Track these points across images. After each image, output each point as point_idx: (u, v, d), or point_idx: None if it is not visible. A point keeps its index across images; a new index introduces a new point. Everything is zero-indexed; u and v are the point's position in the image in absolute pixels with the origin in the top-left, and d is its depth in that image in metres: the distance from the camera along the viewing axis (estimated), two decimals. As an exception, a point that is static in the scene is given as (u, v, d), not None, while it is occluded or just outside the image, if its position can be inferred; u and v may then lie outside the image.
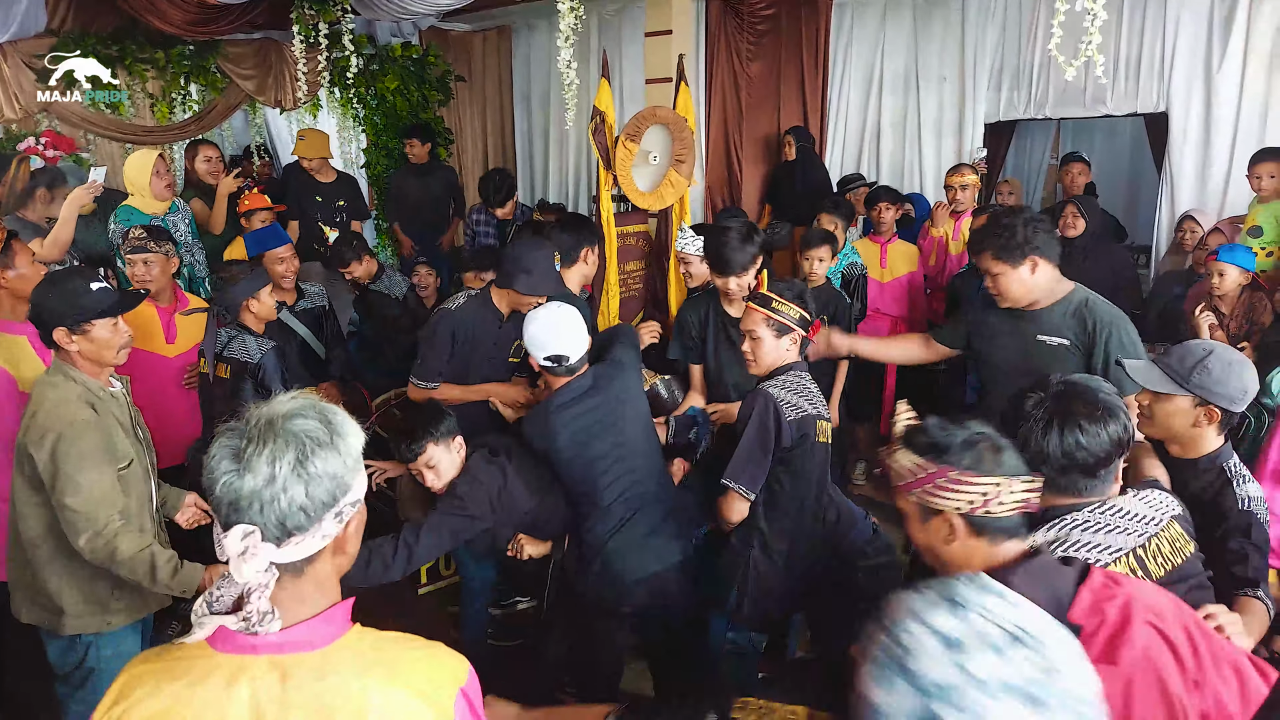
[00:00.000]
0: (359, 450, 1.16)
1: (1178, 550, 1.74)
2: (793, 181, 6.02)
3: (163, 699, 1.08)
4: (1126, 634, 1.29)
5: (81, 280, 2.32)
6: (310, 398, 1.16)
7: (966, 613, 0.69)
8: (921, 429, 1.51)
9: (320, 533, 1.11)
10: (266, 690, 1.07)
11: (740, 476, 2.58)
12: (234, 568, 1.07)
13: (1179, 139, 5.08)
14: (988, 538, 1.44)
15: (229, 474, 1.08)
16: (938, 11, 5.83)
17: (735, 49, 6.30)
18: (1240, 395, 2.07)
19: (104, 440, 2.27)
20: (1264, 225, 4.14)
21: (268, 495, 1.07)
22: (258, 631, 1.07)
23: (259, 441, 1.08)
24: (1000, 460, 1.45)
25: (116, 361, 2.40)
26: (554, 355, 2.69)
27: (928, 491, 1.47)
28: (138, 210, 4.54)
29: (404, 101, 6.75)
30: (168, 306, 3.55)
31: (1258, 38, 4.73)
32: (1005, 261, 2.73)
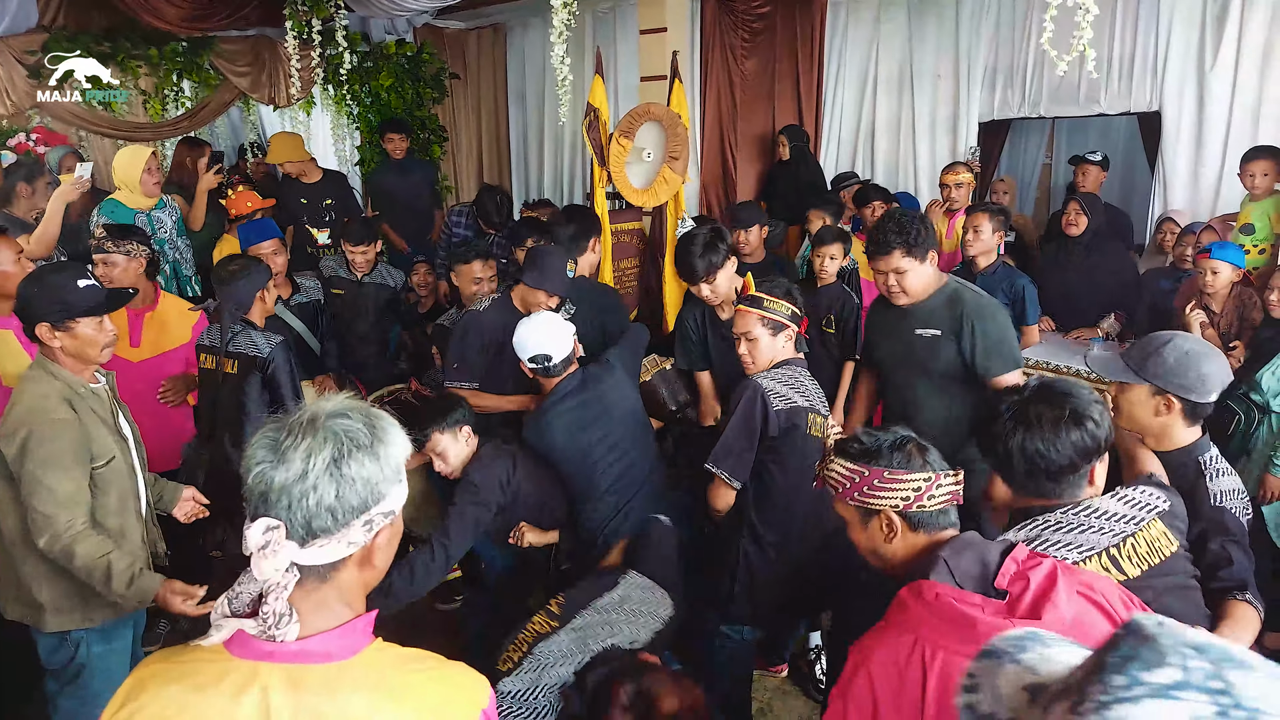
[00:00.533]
0: (400, 460, 1.12)
1: (1156, 550, 1.75)
2: (788, 180, 6.02)
3: (171, 703, 1.05)
4: (1050, 597, 1.35)
5: (68, 276, 2.30)
6: (359, 401, 1.13)
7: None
8: (852, 438, 1.63)
9: (347, 539, 1.08)
10: (276, 701, 1.03)
11: (723, 462, 2.62)
12: (254, 563, 1.04)
13: (1172, 138, 5.09)
14: (924, 530, 1.55)
15: (263, 464, 1.06)
16: (932, 10, 5.83)
17: (730, 47, 6.29)
18: (1199, 384, 2.04)
19: (76, 441, 2.25)
20: (1256, 223, 4.16)
21: (297, 491, 1.04)
22: (274, 636, 1.05)
23: (299, 434, 1.06)
24: (927, 459, 1.57)
25: (100, 359, 2.38)
26: (537, 355, 2.84)
27: (864, 494, 1.57)
28: (123, 205, 4.52)
29: (398, 99, 6.73)
30: (139, 309, 3.44)
31: (1250, 36, 4.74)
32: (915, 258, 2.81)
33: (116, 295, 2.42)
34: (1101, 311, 4.44)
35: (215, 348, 3.24)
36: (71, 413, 2.27)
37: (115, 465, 2.36)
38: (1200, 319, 3.75)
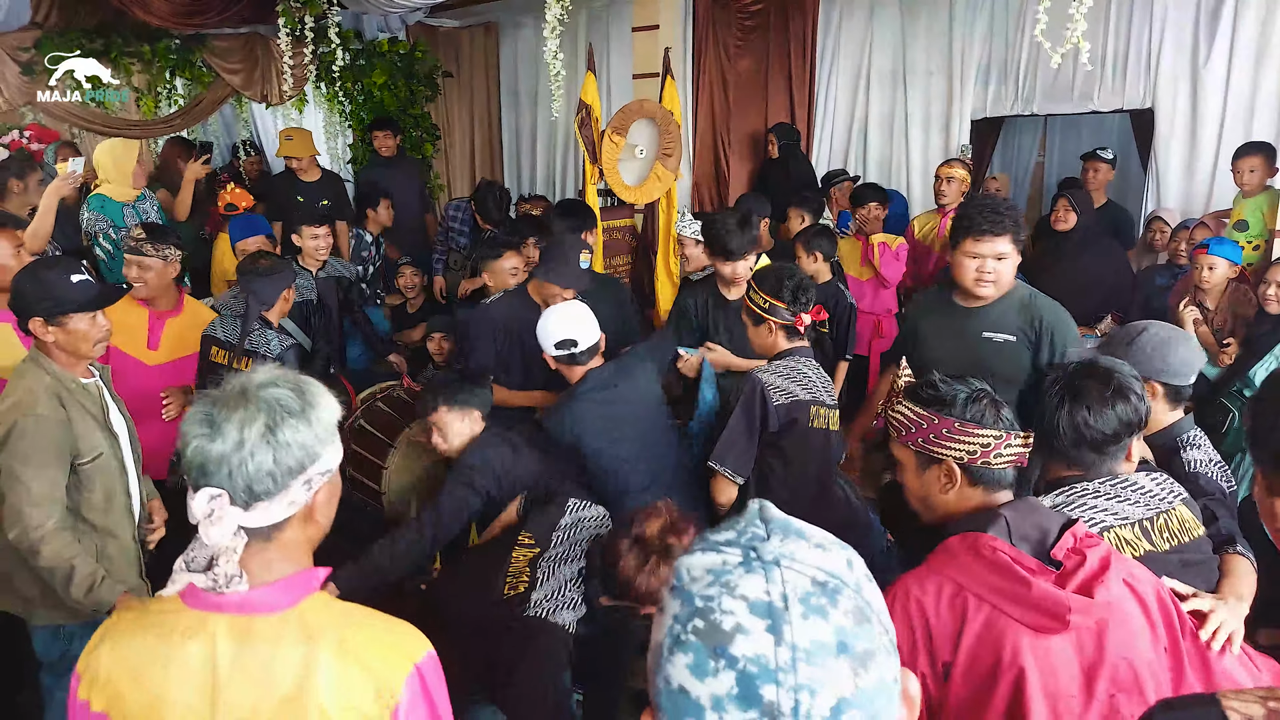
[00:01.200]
0: (332, 421, 1.18)
1: (1187, 530, 1.79)
2: (779, 178, 6.01)
3: (134, 649, 1.15)
4: (1103, 578, 1.35)
5: (62, 271, 2.30)
6: (285, 370, 1.18)
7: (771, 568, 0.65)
8: (928, 383, 1.60)
9: (288, 499, 1.14)
10: (223, 648, 1.11)
11: (726, 459, 2.62)
12: (202, 530, 1.10)
13: (1165, 134, 5.10)
14: (982, 487, 1.54)
15: (200, 437, 1.10)
16: (925, 7, 5.83)
17: (723, 45, 6.29)
18: (1180, 367, 2.11)
19: (57, 439, 2.23)
20: (1249, 219, 4.16)
21: (236, 460, 1.09)
22: (224, 591, 1.11)
23: (231, 407, 1.11)
24: (1000, 416, 1.55)
25: (93, 355, 2.37)
26: (563, 341, 2.75)
27: (929, 441, 1.55)
28: (110, 199, 4.53)
29: (391, 97, 6.71)
30: (162, 312, 3.32)
31: (1243, 33, 4.74)
32: (1016, 245, 2.61)
33: (109, 291, 2.42)
34: (1095, 308, 4.44)
35: (230, 344, 3.22)
36: (59, 409, 2.26)
37: (103, 461, 2.34)
38: (1194, 315, 3.76)
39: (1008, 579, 1.33)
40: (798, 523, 0.71)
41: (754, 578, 0.64)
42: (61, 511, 2.24)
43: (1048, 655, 1.31)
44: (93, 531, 2.36)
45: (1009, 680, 1.30)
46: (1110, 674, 1.34)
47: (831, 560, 0.67)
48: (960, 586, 1.37)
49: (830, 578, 0.65)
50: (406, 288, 5.32)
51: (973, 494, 1.53)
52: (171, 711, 1.12)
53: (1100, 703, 1.33)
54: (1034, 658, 1.30)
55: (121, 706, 1.14)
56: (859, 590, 0.66)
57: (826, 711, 0.61)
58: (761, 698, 0.60)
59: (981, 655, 1.33)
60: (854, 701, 0.61)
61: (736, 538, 0.68)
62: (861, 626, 0.64)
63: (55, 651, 2.40)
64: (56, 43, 5.21)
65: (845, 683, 0.61)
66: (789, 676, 0.60)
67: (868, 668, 0.63)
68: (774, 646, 0.61)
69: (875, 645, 0.64)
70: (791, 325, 2.69)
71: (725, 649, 0.62)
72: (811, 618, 0.62)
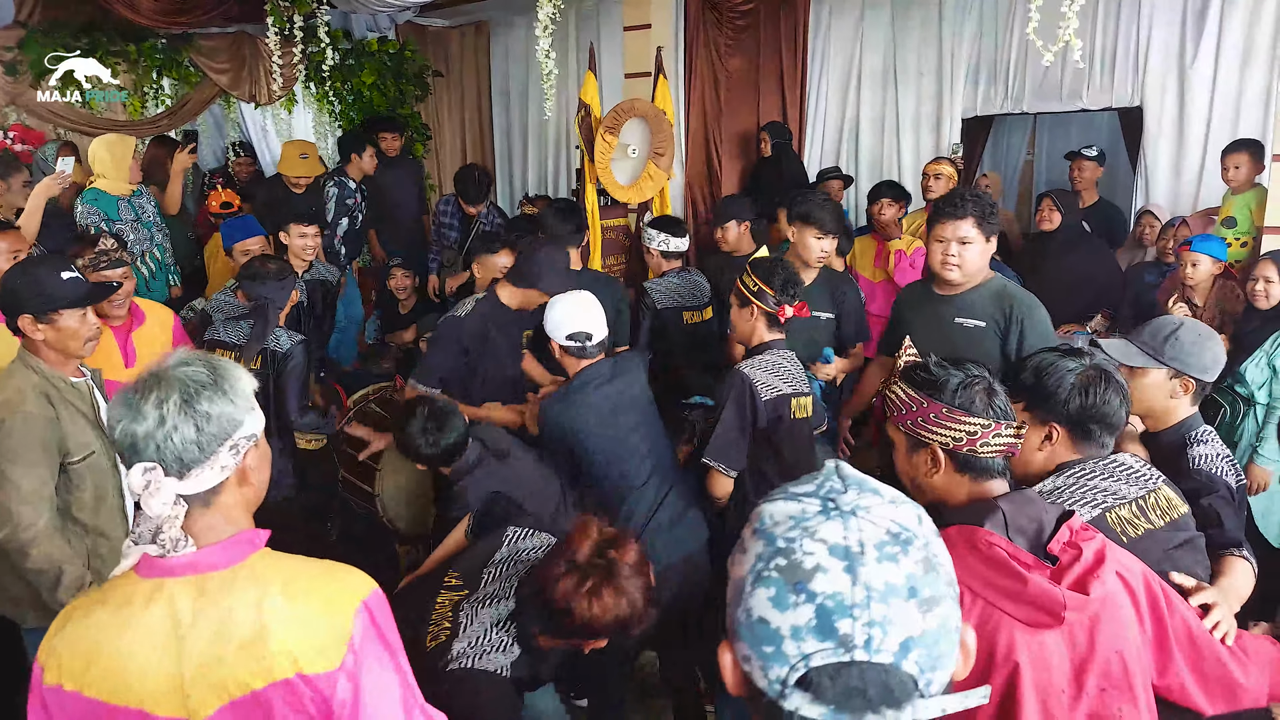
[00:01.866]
0: (248, 391, 1.27)
1: (1174, 507, 1.83)
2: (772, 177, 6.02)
3: (92, 625, 1.22)
4: (1098, 573, 1.35)
5: (51, 268, 2.28)
6: (196, 351, 1.28)
7: (849, 518, 0.71)
8: (922, 365, 1.58)
9: (218, 464, 1.22)
10: (181, 605, 1.19)
11: (720, 455, 2.66)
12: (144, 503, 1.18)
13: (1153, 133, 5.13)
14: (970, 475, 1.51)
15: (123, 419, 1.19)
16: (915, 7, 5.85)
17: (714, 44, 6.29)
18: (1212, 365, 2.14)
19: (45, 437, 2.22)
20: (1237, 215, 4.19)
21: (160, 435, 1.17)
22: (173, 556, 1.19)
23: (146, 388, 1.19)
24: (992, 402, 1.51)
25: (83, 354, 2.35)
26: (577, 334, 2.71)
27: (917, 424, 1.53)
28: (106, 193, 4.51)
29: (381, 97, 6.68)
30: (124, 326, 3.10)
31: (1230, 32, 4.78)
32: (982, 233, 2.70)
33: (99, 288, 2.40)
34: (1086, 306, 4.46)
35: (237, 344, 3.23)
36: (48, 407, 2.24)
37: (94, 460, 2.33)
38: (1184, 312, 3.78)
39: (1004, 575, 1.32)
40: (873, 481, 0.77)
41: (833, 524, 0.70)
42: (52, 511, 2.22)
43: (1041, 650, 1.31)
44: (84, 533, 2.34)
45: (1003, 676, 1.30)
46: (1101, 669, 1.35)
47: (903, 514, 0.73)
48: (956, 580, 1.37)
49: (903, 529, 0.71)
50: (397, 288, 5.30)
51: (960, 480, 1.51)
52: (137, 671, 1.18)
53: (1090, 697, 1.34)
54: (1028, 654, 1.30)
55: (88, 679, 1.20)
56: (927, 544, 0.72)
57: (895, 647, 0.67)
58: (837, 630, 0.66)
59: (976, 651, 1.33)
60: (920, 641, 0.68)
61: (815, 490, 0.74)
62: (929, 575, 0.70)
63: None
64: (41, 42, 5.16)
65: (914, 623, 0.68)
66: (864, 613, 0.66)
67: (933, 611, 0.69)
68: (850, 585, 0.67)
69: (941, 593, 0.70)
70: (774, 314, 2.74)
71: (805, 585, 0.68)
72: (885, 563, 0.68)
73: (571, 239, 3.71)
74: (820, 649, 0.67)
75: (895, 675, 0.67)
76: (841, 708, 0.66)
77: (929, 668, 0.68)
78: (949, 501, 1.52)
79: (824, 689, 0.67)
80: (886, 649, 0.66)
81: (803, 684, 0.67)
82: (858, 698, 0.66)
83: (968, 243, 2.70)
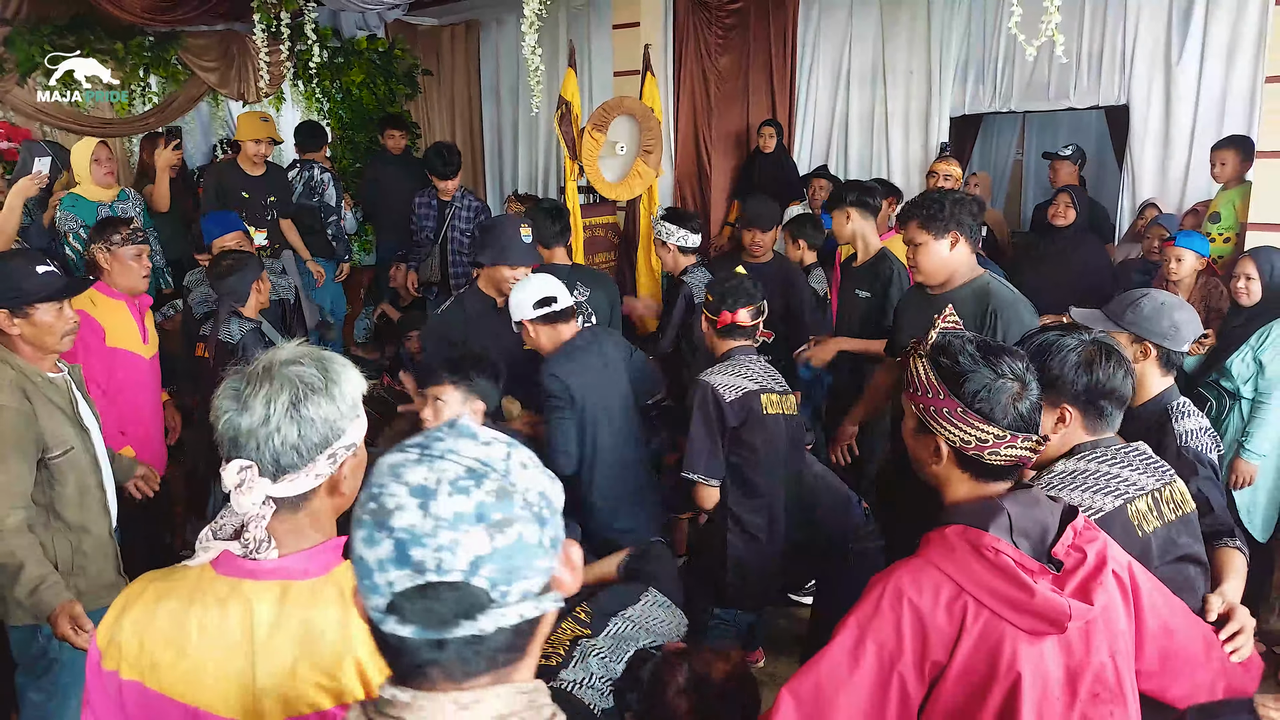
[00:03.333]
0: (356, 397, 1.23)
1: (1186, 502, 1.81)
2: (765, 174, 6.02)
3: (165, 616, 1.17)
4: (1099, 578, 1.33)
5: (26, 262, 2.27)
6: (311, 347, 1.23)
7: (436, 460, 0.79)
8: (952, 350, 1.44)
9: (314, 472, 1.18)
10: (260, 611, 1.16)
11: (697, 466, 2.68)
12: (234, 499, 1.15)
13: (1140, 131, 5.15)
14: (972, 474, 1.43)
15: (229, 411, 1.15)
16: (904, 5, 5.87)
17: (704, 42, 6.29)
18: (1173, 331, 2.16)
19: (19, 431, 2.20)
20: (1222, 211, 4.21)
21: (263, 434, 1.14)
22: (257, 558, 1.17)
23: (257, 383, 1.15)
24: (1018, 410, 1.39)
25: (60, 348, 2.34)
26: (544, 297, 2.73)
27: (929, 412, 1.44)
28: (84, 199, 4.47)
29: (370, 95, 6.67)
30: (140, 301, 3.30)
31: (1215, 31, 4.80)
32: (929, 232, 2.75)
33: (75, 282, 2.39)
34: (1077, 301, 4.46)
35: (207, 337, 3.33)
36: (24, 402, 2.22)
37: (73, 456, 2.32)
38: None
39: (1010, 584, 1.28)
40: (476, 427, 0.84)
41: (420, 468, 0.79)
42: (26, 509, 2.20)
43: (1040, 660, 1.30)
44: (66, 528, 2.33)
45: (1005, 686, 1.29)
46: (1095, 675, 1.34)
47: (490, 452, 0.81)
48: (959, 588, 1.31)
49: (482, 465, 0.79)
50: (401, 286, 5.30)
51: (960, 476, 1.43)
52: (209, 670, 1.15)
53: (1083, 702, 1.33)
54: (1030, 666, 1.29)
55: (156, 674, 1.16)
56: (507, 475, 0.80)
57: (465, 565, 0.76)
58: (411, 558, 0.76)
59: (978, 660, 1.30)
60: (490, 559, 0.76)
61: (421, 440, 0.82)
62: (502, 501, 0.78)
63: (30, 653, 2.36)
64: (27, 39, 5.14)
65: (481, 544, 0.76)
66: (432, 540, 0.75)
67: (504, 532, 0.77)
68: (422, 518, 0.76)
69: (514, 516, 0.78)
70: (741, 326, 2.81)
71: (386, 522, 0.77)
72: (456, 495, 0.77)
73: (558, 239, 3.70)
74: (400, 575, 0.76)
75: (466, 590, 0.76)
76: (424, 624, 0.76)
77: (503, 580, 0.77)
78: (947, 493, 1.46)
79: (407, 610, 0.76)
80: (456, 569, 0.75)
81: (392, 609, 0.77)
82: (434, 614, 0.76)
83: (918, 245, 2.77)
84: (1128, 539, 1.63)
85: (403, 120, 6.38)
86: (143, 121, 6.05)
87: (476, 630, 0.77)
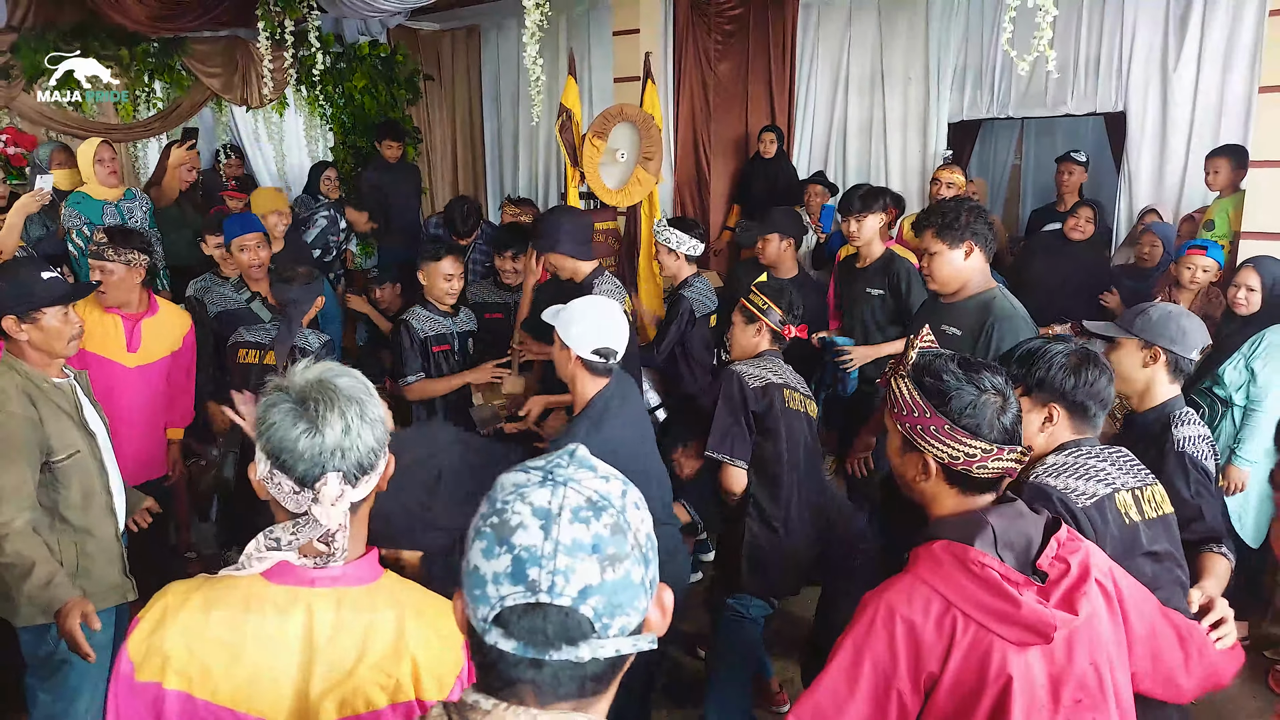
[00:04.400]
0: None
1: (1164, 504, 1.89)
2: (764, 179, 6.06)
3: (214, 625, 1.19)
4: (1083, 588, 1.36)
5: (32, 269, 2.32)
6: (326, 363, 1.27)
7: (559, 486, 0.82)
8: (935, 369, 1.47)
9: (377, 472, 1.25)
10: (321, 618, 1.19)
11: (722, 445, 2.75)
12: (322, 513, 1.17)
13: (1136, 137, 5.18)
14: (960, 488, 1.46)
15: (305, 433, 1.17)
16: (902, 12, 5.90)
17: (703, 49, 6.33)
18: (1180, 336, 2.24)
19: (24, 436, 2.23)
20: (1216, 219, 4.24)
21: (348, 444, 1.18)
22: (326, 565, 1.21)
23: (325, 402, 1.18)
24: (1000, 421, 1.43)
25: (67, 353, 2.38)
26: (603, 349, 2.42)
27: (915, 431, 1.46)
28: (90, 197, 4.52)
29: (372, 100, 6.72)
30: (135, 315, 3.23)
31: (1211, 38, 4.83)
32: (944, 241, 2.74)
33: (80, 287, 2.43)
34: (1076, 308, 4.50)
35: (262, 345, 3.44)
36: (29, 407, 2.26)
37: (79, 460, 2.35)
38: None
39: (996, 597, 1.31)
40: (594, 459, 0.88)
41: (544, 491, 0.82)
42: (32, 511, 2.24)
43: (1027, 667, 1.33)
44: (71, 530, 2.36)
45: (993, 694, 1.32)
46: (1078, 681, 1.37)
47: (609, 488, 0.84)
48: (948, 603, 1.34)
49: (602, 499, 0.82)
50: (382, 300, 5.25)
51: (948, 491, 1.46)
52: (266, 679, 1.18)
53: (1066, 708, 1.36)
54: (1019, 670, 1.32)
55: (208, 682, 1.18)
56: (623, 512, 0.83)
57: (575, 593, 0.78)
58: (527, 576, 0.78)
59: (967, 671, 1.33)
60: (599, 590, 0.79)
61: (544, 464, 0.85)
62: (616, 537, 0.81)
63: (40, 654, 2.39)
64: (34, 46, 5.19)
65: (593, 574, 0.79)
66: (550, 563, 0.78)
67: (615, 567, 0.80)
68: (543, 540, 0.79)
69: (625, 553, 0.81)
70: (779, 333, 2.90)
71: (508, 539, 0.80)
72: (576, 524, 0.80)
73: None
74: (513, 591, 0.79)
75: (573, 616, 0.78)
76: (528, 642, 0.79)
77: (607, 614, 0.79)
78: (933, 509, 1.49)
79: (513, 625, 0.79)
80: (567, 594, 0.78)
81: (499, 621, 0.80)
82: (540, 633, 0.78)
83: (933, 254, 2.77)
84: (1119, 524, 1.74)
85: (400, 130, 6.45)
86: (146, 127, 6.10)
87: (574, 656, 0.79)
